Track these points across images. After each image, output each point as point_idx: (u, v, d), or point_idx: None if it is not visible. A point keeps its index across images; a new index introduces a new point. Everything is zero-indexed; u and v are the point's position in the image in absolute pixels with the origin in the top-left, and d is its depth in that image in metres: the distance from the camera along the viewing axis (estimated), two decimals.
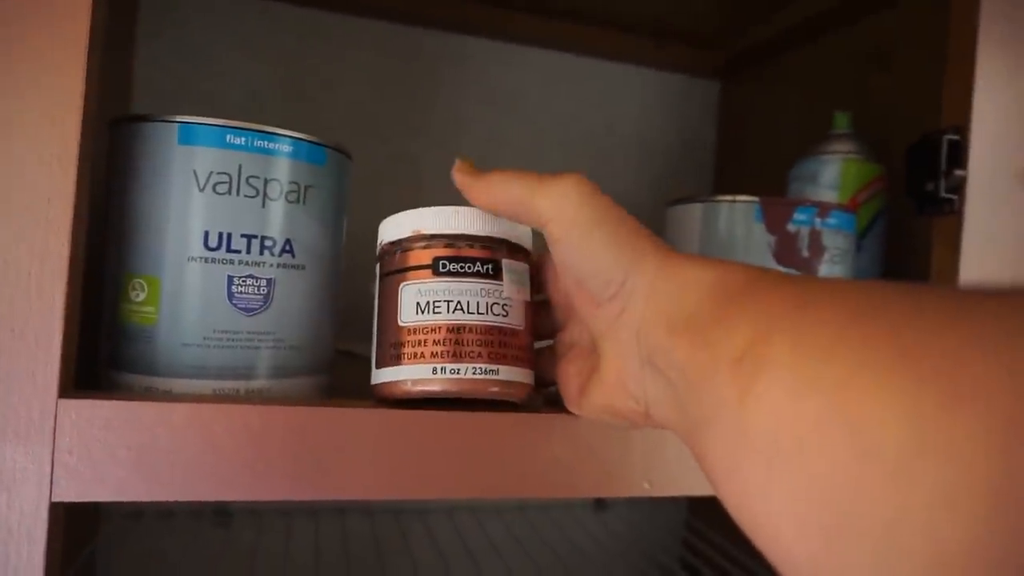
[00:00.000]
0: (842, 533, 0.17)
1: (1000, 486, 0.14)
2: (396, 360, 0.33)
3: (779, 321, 0.21)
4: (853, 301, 0.20)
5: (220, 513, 0.67)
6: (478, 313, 0.33)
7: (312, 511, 0.70)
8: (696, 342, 0.24)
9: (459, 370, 0.32)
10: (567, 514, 0.77)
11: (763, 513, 0.20)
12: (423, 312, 0.33)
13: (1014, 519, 0.14)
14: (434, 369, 0.32)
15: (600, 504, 0.79)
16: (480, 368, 0.32)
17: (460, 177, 0.33)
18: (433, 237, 0.33)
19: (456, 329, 0.33)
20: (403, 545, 0.70)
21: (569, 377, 0.35)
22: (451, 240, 0.33)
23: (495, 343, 0.33)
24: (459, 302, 0.33)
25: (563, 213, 0.30)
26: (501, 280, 0.33)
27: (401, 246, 0.34)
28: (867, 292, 0.20)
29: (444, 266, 0.33)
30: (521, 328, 0.34)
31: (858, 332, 0.19)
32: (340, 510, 0.71)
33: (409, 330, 0.33)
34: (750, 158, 0.77)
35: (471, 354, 0.32)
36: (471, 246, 0.33)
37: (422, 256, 0.33)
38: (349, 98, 0.70)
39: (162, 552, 0.64)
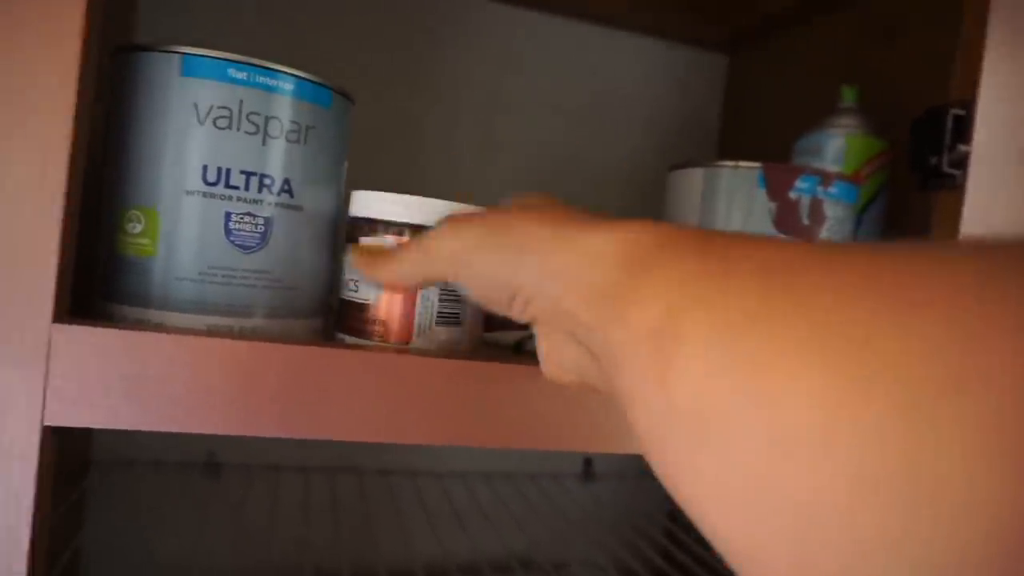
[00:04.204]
0: (761, 515, 0.17)
1: (912, 470, 0.14)
2: None
3: (693, 292, 0.21)
4: (768, 268, 0.19)
5: (209, 465, 0.67)
6: (346, 288, 0.38)
7: (301, 468, 0.70)
8: (612, 317, 0.23)
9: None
10: (555, 483, 0.77)
11: (692, 490, 0.20)
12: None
13: (929, 503, 0.13)
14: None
15: (588, 474, 0.79)
16: (340, 336, 0.39)
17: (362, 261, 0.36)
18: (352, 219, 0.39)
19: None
20: (391, 505, 0.71)
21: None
22: (357, 221, 0.38)
23: (346, 316, 0.38)
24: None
25: (447, 272, 0.32)
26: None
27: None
28: (783, 256, 0.20)
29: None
30: (373, 302, 0.37)
31: (773, 304, 0.18)
32: (329, 468, 0.71)
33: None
34: (754, 133, 0.76)
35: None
36: (371, 230, 0.38)
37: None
38: (351, 50, 0.69)
39: (151, 501, 0.64)
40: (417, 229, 0.37)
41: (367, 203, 0.37)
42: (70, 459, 0.60)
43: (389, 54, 0.70)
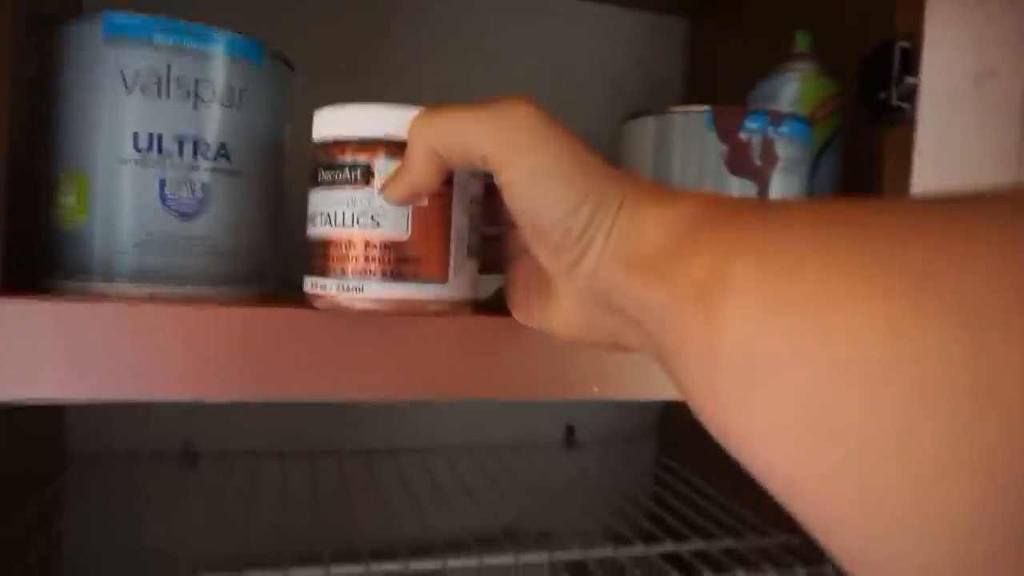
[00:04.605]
0: (819, 443, 0.17)
1: (977, 385, 0.14)
2: (305, 269, 0.34)
3: (740, 244, 0.21)
4: (814, 218, 0.20)
5: (187, 454, 0.67)
6: (343, 225, 0.31)
7: (280, 453, 0.70)
8: (656, 277, 0.24)
9: (326, 285, 0.32)
10: (538, 453, 0.77)
11: (744, 432, 0.20)
12: (309, 223, 0.33)
13: (993, 416, 0.14)
14: (312, 283, 0.33)
15: (571, 443, 0.79)
16: (342, 284, 0.31)
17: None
18: (318, 143, 0.32)
19: (321, 243, 0.32)
20: (372, 485, 0.71)
21: (517, 284, 0.34)
22: (327, 145, 0.32)
23: (360, 257, 0.31)
24: (328, 213, 0.32)
25: (518, 158, 0.27)
26: (372, 186, 0.31)
27: (312, 152, 0.33)
28: (827, 209, 0.20)
29: (320, 175, 0.32)
30: (404, 236, 0.31)
31: (824, 247, 0.19)
32: (308, 452, 0.71)
33: (304, 241, 0.33)
34: (718, 94, 0.76)
35: (336, 269, 0.31)
36: (343, 150, 0.31)
37: (312, 163, 0.33)
38: (305, 29, 0.68)
39: (128, 492, 0.64)
40: (401, 147, 0.30)
41: (333, 121, 0.32)
42: (44, 453, 0.59)
43: (344, 31, 0.70)
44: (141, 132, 0.34)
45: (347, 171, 0.31)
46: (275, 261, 0.40)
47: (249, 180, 0.37)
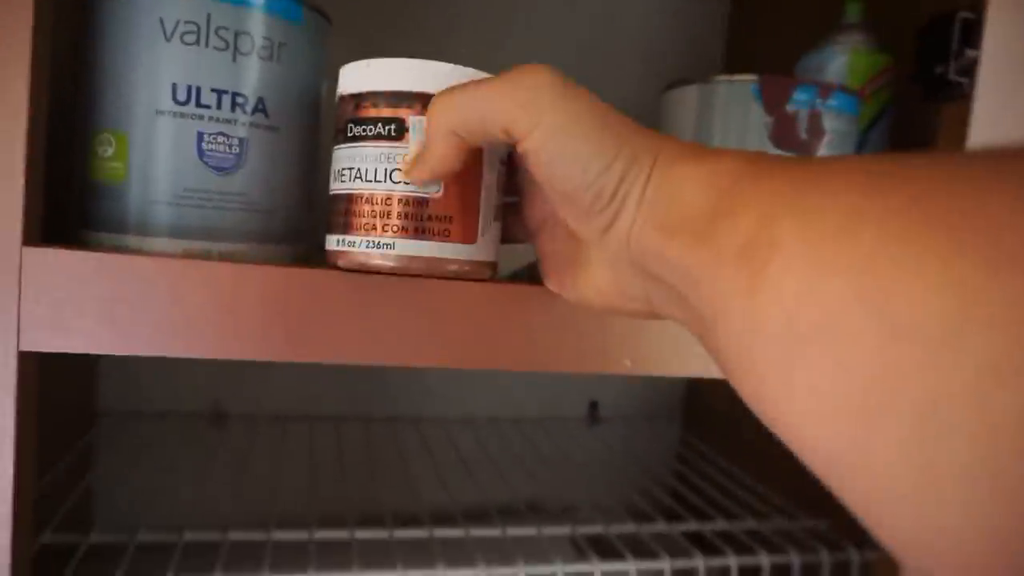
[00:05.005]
0: (872, 417, 0.16)
1: None
2: (326, 228, 0.33)
3: (785, 200, 0.20)
4: (866, 172, 0.19)
5: (215, 415, 0.68)
6: (375, 181, 0.30)
7: (306, 417, 0.70)
8: (694, 239, 0.23)
9: (353, 243, 0.31)
10: (561, 427, 0.77)
11: (785, 408, 0.19)
12: (335, 180, 0.32)
13: None
14: (336, 241, 0.32)
15: (594, 418, 0.79)
16: (372, 241, 0.31)
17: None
18: (347, 98, 0.32)
19: (350, 199, 0.31)
20: (397, 453, 0.71)
21: (546, 257, 0.33)
22: (359, 99, 0.31)
23: (393, 214, 0.30)
24: (358, 169, 0.31)
25: (540, 118, 0.26)
26: (406, 141, 0.30)
27: (338, 107, 0.33)
28: (881, 162, 0.19)
29: (350, 130, 0.31)
30: (436, 195, 0.31)
31: (880, 202, 0.17)
32: (335, 417, 0.71)
33: (328, 199, 0.33)
34: (760, 66, 0.74)
35: (365, 226, 0.31)
36: (375, 105, 0.31)
37: (340, 119, 0.32)
38: None
39: (157, 451, 0.65)
40: (427, 100, 0.30)
41: (365, 74, 0.31)
42: (75, 410, 0.60)
43: None
44: (180, 83, 0.33)
45: (380, 126, 0.30)
46: (309, 220, 0.40)
47: (286, 136, 0.36)
